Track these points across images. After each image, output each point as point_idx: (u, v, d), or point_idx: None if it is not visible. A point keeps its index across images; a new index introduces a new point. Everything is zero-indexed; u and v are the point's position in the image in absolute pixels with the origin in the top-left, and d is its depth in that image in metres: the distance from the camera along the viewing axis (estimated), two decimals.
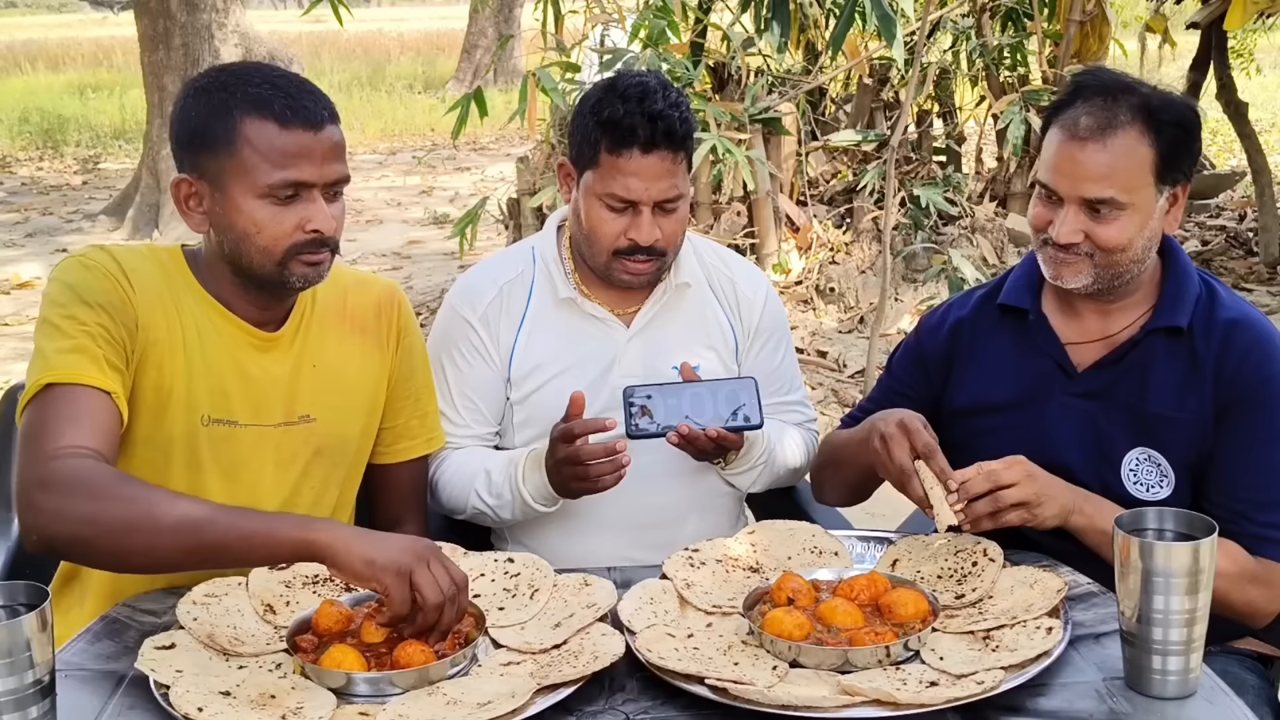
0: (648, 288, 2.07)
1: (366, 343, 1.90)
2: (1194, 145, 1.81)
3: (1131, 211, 1.75)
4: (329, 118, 1.71)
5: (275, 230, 1.68)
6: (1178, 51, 7.68)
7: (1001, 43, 6.58)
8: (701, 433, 1.84)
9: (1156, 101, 1.76)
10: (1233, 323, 1.80)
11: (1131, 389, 1.82)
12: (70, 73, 20.03)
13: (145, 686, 1.41)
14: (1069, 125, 1.76)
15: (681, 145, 1.95)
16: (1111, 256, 1.77)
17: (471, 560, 1.73)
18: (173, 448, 1.74)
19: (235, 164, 1.67)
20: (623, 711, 1.41)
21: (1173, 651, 1.37)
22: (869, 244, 6.35)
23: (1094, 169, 1.73)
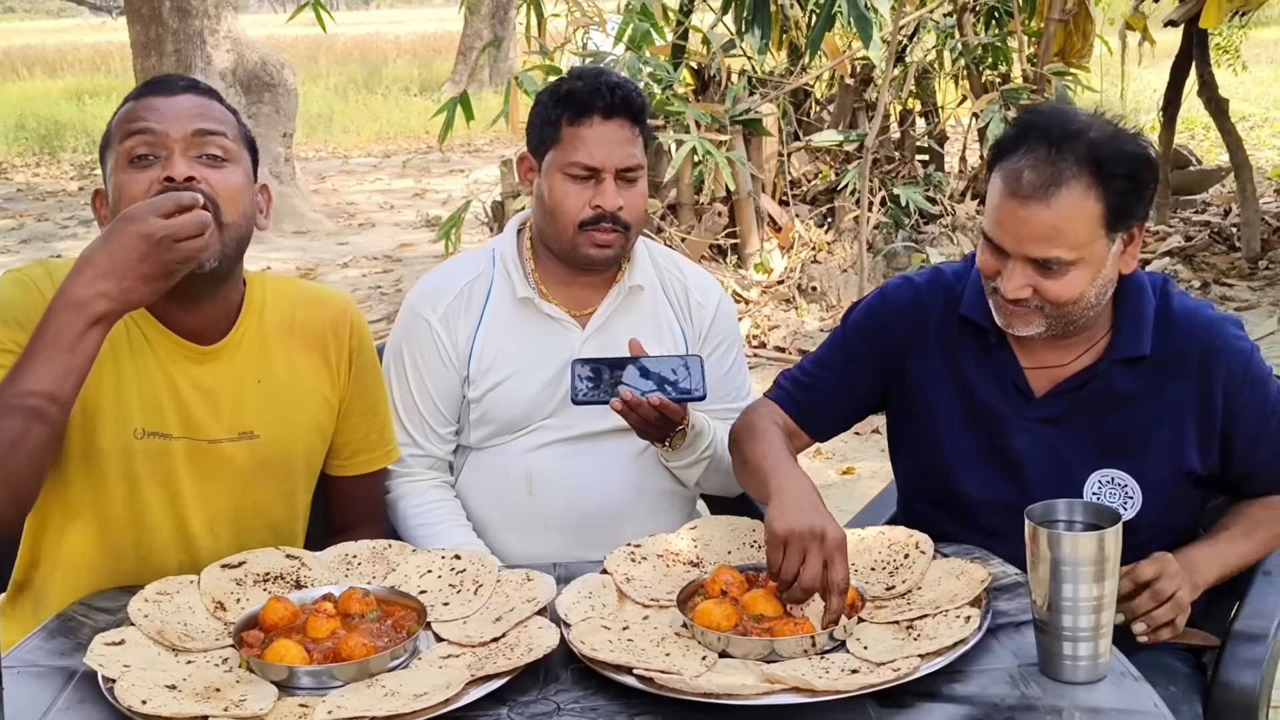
0: (609, 269, 2.11)
1: (315, 361, 1.89)
2: (1147, 192, 1.73)
3: (1081, 265, 1.69)
4: (189, 88, 1.75)
5: (132, 190, 1.68)
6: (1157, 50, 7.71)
7: (983, 42, 6.63)
8: (644, 400, 1.88)
9: (1105, 151, 1.67)
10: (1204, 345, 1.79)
11: (1094, 412, 1.81)
12: (68, 78, 20.08)
13: (95, 681, 1.46)
14: (1011, 179, 1.68)
15: (638, 119, 2.04)
16: (1062, 309, 1.72)
17: (419, 557, 1.78)
18: (106, 461, 1.75)
19: (109, 153, 1.73)
20: (555, 701, 1.45)
21: (1082, 637, 1.42)
22: (851, 243, 6.40)
23: (1038, 228, 1.66)
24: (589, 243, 2.05)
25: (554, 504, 2.08)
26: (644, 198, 2.09)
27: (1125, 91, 9.26)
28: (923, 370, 1.91)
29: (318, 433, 1.92)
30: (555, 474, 2.08)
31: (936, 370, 1.90)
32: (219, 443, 1.80)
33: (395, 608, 1.63)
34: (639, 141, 2.06)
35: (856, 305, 2.02)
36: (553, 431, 2.09)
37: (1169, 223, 7.79)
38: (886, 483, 4.25)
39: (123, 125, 1.72)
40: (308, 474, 1.94)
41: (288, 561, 1.76)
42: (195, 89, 1.76)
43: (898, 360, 1.93)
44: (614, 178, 2.02)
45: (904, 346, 1.92)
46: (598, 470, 2.08)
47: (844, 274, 6.21)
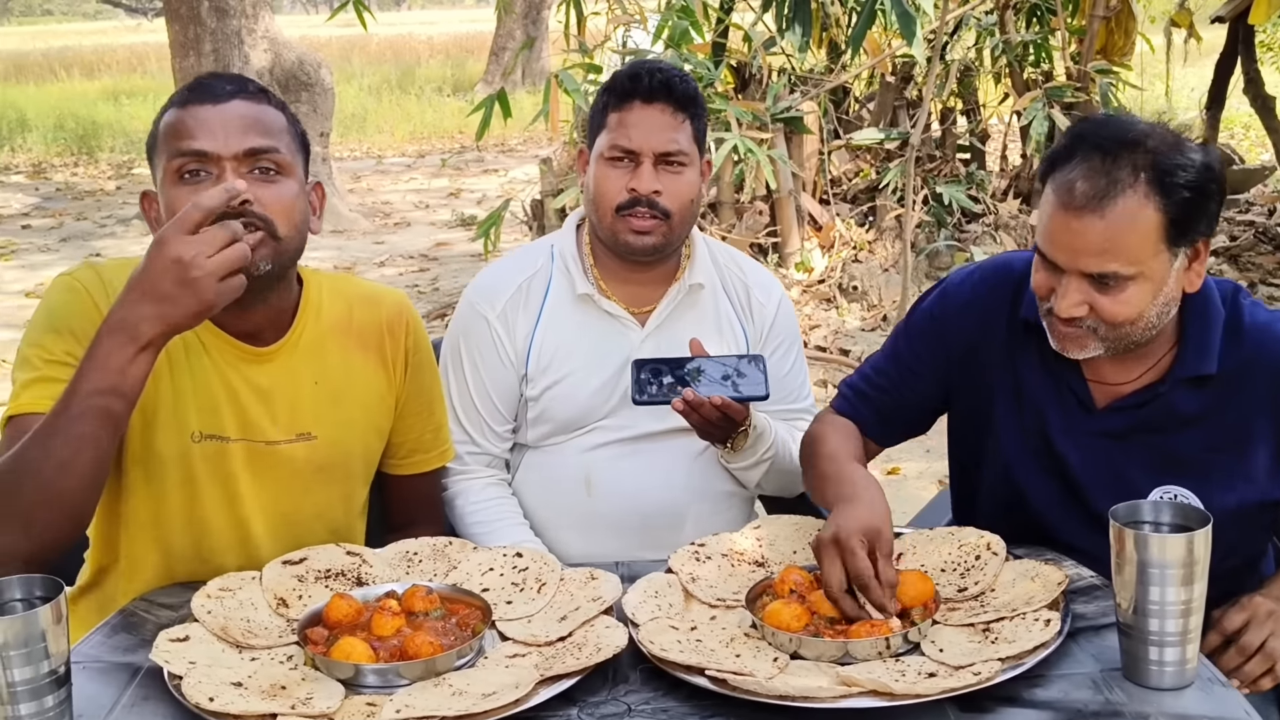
0: (654, 259, 2.07)
1: (371, 360, 1.88)
2: (1211, 204, 1.62)
3: (1140, 281, 1.60)
4: (237, 92, 1.68)
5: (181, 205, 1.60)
6: (1206, 46, 7.62)
7: (1025, 39, 6.56)
8: (706, 400, 1.85)
9: (1166, 162, 1.58)
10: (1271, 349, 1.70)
11: (1156, 430, 1.74)
12: (105, 79, 20.27)
13: (160, 678, 1.44)
14: (1064, 190, 1.60)
15: (683, 105, 2.02)
16: (1119, 330, 1.64)
17: (480, 555, 1.76)
18: (165, 466, 1.73)
19: (157, 160, 1.70)
20: (625, 702, 1.43)
21: (1169, 642, 1.38)
22: (892, 242, 6.35)
23: (1092, 241, 1.58)
24: (626, 229, 2.02)
25: (613, 504, 2.05)
26: (690, 186, 2.04)
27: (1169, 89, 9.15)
28: (983, 374, 1.86)
29: (375, 433, 1.90)
30: (614, 474, 2.06)
31: (997, 374, 1.84)
32: (276, 444, 1.79)
33: (459, 606, 1.61)
34: (684, 129, 2.03)
35: (920, 303, 1.95)
36: (611, 431, 2.07)
37: None
38: (930, 482, 4.24)
39: (171, 140, 1.67)
40: (365, 474, 1.92)
41: (348, 558, 1.74)
42: (244, 92, 1.70)
43: (959, 365, 1.88)
44: (653, 162, 2.00)
45: (965, 351, 1.86)
46: (657, 471, 2.05)
47: (885, 273, 6.16)
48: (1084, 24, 6.50)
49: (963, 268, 1.96)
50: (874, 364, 1.97)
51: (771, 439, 2.02)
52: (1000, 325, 1.83)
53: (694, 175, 2.05)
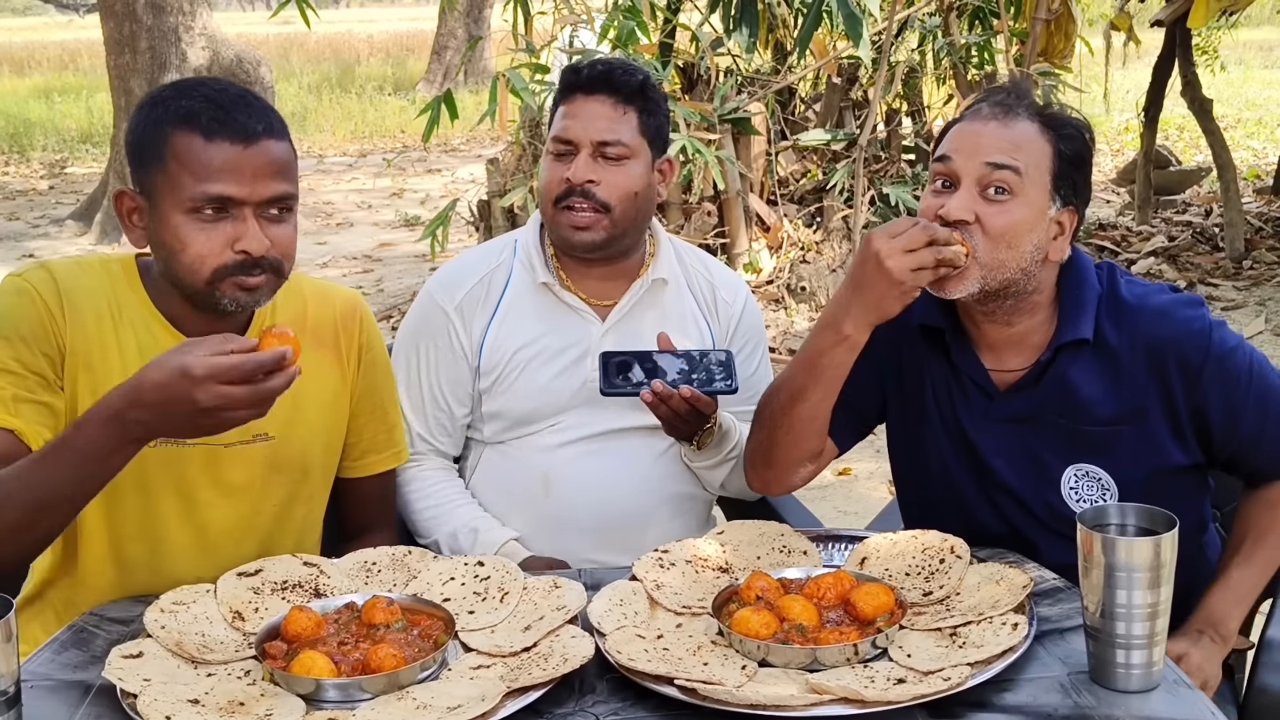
0: (596, 254, 2.04)
1: (326, 358, 1.85)
2: (1086, 167, 1.78)
3: (1023, 201, 1.71)
4: (266, 132, 1.63)
5: (200, 248, 1.62)
6: (1142, 49, 7.74)
7: (968, 41, 6.62)
8: (675, 392, 1.84)
9: (1056, 116, 1.77)
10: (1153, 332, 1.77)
11: (1057, 408, 1.80)
12: (36, 76, 19.88)
13: (113, 695, 1.40)
14: (970, 114, 1.77)
15: (627, 98, 1.99)
16: (997, 252, 1.70)
17: (441, 564, 1.73)
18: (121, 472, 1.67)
19: (165, 178, 1.63)
20: (593, 713, 1.41)
21: (1136, 645, 1.39)
22: (839, 242, 6.38)
23: (994, 140, 1.72)
24: (566, 223, 2.00)
25: (571, 505, 2.03)
26: (632, 179, 2.00)
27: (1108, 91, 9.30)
28: (907, 383, 1.90)
29: (332, 431, 1.88)
30: (573, 474, 2.03)
31: (916, 381, 1.89)
32: (233, 445, 1.75)
33: (420, 617, 1.58)
34: (627, 120, 1.99)
35: None
36: (570, 430, 2.04)
37: (1151, 223, 7.82)
38: (881, 482, 4.25)
39: (191, 174, 1.60)
40: (324, 475, 1.89)
41: (305, 569, 1.71)
42: (271, 131, 1.64)
43: (890, 375, 1.92)
44: (590, 153, 1.98)
45: (891, 360, 1.91)
46: (617, 472, 2.04)
47: (833, 273, 6.19)
48: (1026, 26, 6.56)
49: None
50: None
51: (736, 437, 2.02)
52: (911, 333, 1.88)
53: (638, 168, 2.01)
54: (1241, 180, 8.99)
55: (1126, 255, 7.15)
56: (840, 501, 4.05)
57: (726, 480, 2.07)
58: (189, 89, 1.66)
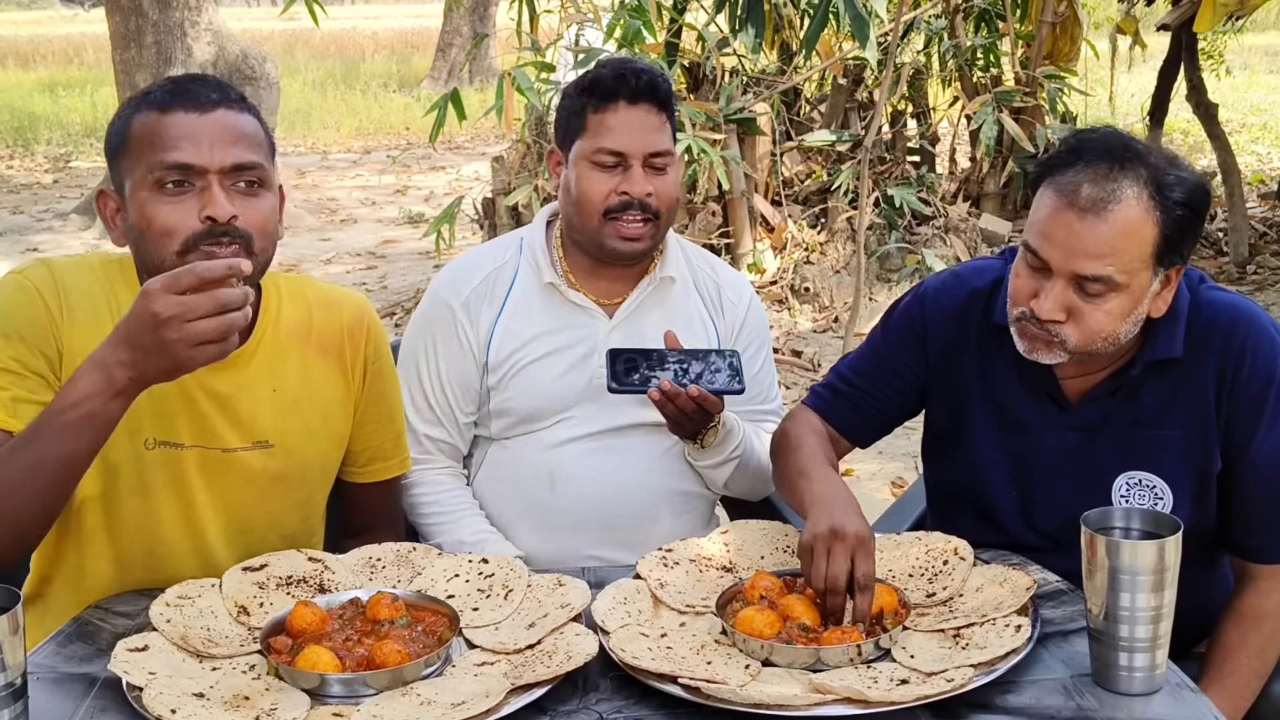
0: (638, 263, 2.06)
1: (331, 367, 1.84)
2: (1199, 228, 1.66)
3: (1123, 294, 1.63)
4: (222, 101, 1.63)
5: (165, 220, 1.60)
6: (1148, 53, 7.74)
7: (974, 44, 6.63)
8: (683, 390, 1.85)
9: (1167, 177, 1.62)
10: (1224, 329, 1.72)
11: (1124, 415, 1.76)
12: (41, 70, 19.87)
13: (118, 689, 1.41)
14: (1067, 191, 1.61)
15: (665, 105, 2.01)
16: (1090, 342, 1.66)
17: (445, 561, 1.73)
18: (118, 471, 1.69)
19: (129, 162, 1.63)
20: (596, 711, 1.41)
21: (1139, 648, 1.39)
22: (843, 244, 6.38)
23: (1093, 243, 1.59)
24: (615, 234, 2.00)
25: (576, 503, 2.03)
26: (675, 186, 2.04)
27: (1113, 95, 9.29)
28: (959, 377, 1.88)
29: (334, 441, 1.87)
30: (578, 471, 2.04)
31: (973, 378, 1.86)
32: (233, 451, 1.75)
33: (425, 613, 1.59)
34: (667, 129, 2.02)
35: (898, 305, 1.96)
36: (576, 426, 2.05)
37: None
38: (884, 483, 4.26)
39: (150, 148, 1.61)
40: (323, 483, 1.89)
41: (310, 564, 1.71)
42: (228, 100, 1.65)
43: (936, 367, 1.90)
44: (641, 164, 1.98)
45: (942, 353, 1.88)
46: (622, 469, 2.04)
47: (836, 275, 6.19)
48: (1032, 29, 6.58)
49: (940, 272, 1.98)
50: (850, 364, 1.98)
51: (740, 437, 2.02)
52: (974, 329, 1.85)
53: (676, 174, 2.05)
54: (1246, 185, 8.98)
55: None
56: None
57: (730, 480, 2.08)
58: (160, 82, 1.68)
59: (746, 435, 2.04)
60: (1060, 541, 1.78)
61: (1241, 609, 1.75)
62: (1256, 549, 1.76)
